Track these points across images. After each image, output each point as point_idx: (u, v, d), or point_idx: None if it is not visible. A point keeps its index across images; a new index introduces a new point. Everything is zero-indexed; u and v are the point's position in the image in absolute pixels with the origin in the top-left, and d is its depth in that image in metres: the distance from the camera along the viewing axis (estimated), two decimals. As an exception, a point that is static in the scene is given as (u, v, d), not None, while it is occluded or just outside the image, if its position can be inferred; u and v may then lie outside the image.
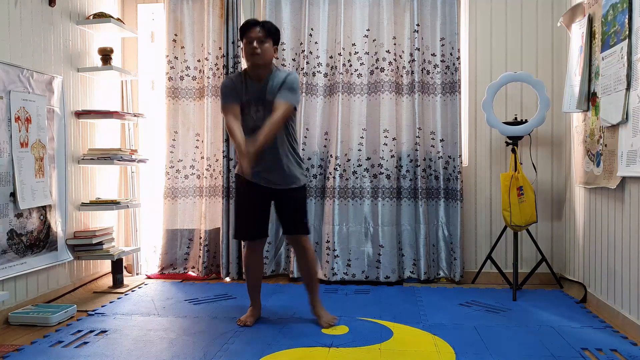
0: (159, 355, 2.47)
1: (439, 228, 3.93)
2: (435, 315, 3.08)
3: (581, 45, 3.25)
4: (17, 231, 3.06)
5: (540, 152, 3.92)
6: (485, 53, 3.96)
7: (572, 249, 3.67)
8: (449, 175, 3.91)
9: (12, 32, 3.06)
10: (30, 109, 3.15)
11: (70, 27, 3.63)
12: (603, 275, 3.12)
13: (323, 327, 2.84)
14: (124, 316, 3.09)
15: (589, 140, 3.25)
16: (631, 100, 2.64)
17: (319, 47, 3.98)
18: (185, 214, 4.12)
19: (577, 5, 3.38)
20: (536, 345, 2.58)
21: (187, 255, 4.12)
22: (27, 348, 2.58)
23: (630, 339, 2.64)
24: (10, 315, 2.97)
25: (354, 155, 3.94)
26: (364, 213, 3.92)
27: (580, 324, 2.91)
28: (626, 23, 2.66)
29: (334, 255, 3.91)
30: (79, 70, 3.71)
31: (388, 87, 3.88)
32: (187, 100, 4.11)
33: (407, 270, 3.93)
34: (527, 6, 3.92)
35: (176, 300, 3.45)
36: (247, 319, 2.93)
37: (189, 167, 4.12)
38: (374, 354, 2.46)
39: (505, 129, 3.57)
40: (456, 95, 3.85)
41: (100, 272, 3.96)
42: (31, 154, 3.16)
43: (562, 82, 3.76)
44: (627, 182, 2.78)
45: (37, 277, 3.28)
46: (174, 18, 4.07)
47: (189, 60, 4.10)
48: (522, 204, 3.45)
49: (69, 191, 3.56)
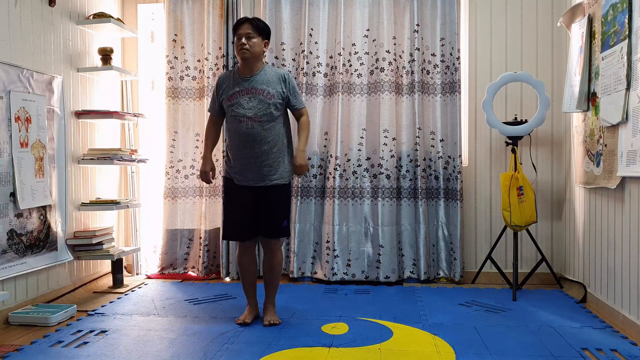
0: (159, 355, 2.47)
1: (439, 228, 3.93)
2: (435, 315, 3.08)
3: (581, 45, 3.25)
4: (17, 231, 3.06)
5: (540, 152, 3.92)
6: (485, 53, 3.96)
7: (572, 249, 3.68)
8: (449, 175, 3.91)
9: (12, 32, 3.06)
10: (30, 109, 3.15)
11: (70, 27, 3.63)
12: (603, 275, 3.12)
13: (264, 324, 2.90)
14: (124, 316, 3.09)
15: (589, 140, 3.25)
16: (631, 100, 2.64)
17: (319, 47, 3.98)
18: (185, 214, 4.12)
19: (577, 5, 3.38)
20: (536, 345, 2.58)
21: (187, 255, 4.12)
22: (27, 348, 2.58)
23: (630, 339, 2.64)
24: (10, 315, 2.97)
25: (354, 155, 3.94)
26: (364, 213, 3.92)
27: (580, 324, 2.91)
28: (626, 23, 2.66)
29: (334, 255, 3.91)
30: (79, 70, 3.71)
31: (388, 87, 3.88)
32: (187, 100, 4.11)
33: (407, 270, 3.93)
34: (527, 6, 3.92)
35: (176, 300, 3.45)
36: (245, 317, 2.95)
37: (189, 167, 4.12)
38: (374, 354, 2.46)
39: (505, 129, 3.57)
40: (456, 95, 3.85)
41: (100, 272, 3.96)
42: (31, 154, 3.16)
43: (562, 82, 3.76)
44: (627, 182, 2.78)
45: (37, 277, 3.28)
46: (174, 18, 4.07)
47: (189, 60, 4.10)
48: (522, 204, 3.45)
49: (69, 191, 3.56)
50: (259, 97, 2.82)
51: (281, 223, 2.93)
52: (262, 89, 2.83)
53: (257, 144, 2.82)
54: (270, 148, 2.84)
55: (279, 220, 2.93)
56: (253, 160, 2.84)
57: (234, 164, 2.91)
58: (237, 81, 2.87)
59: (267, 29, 2.89)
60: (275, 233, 2.94)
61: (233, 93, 2.86)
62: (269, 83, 2.85)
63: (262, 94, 2.82)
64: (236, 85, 2.87)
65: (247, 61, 2.83)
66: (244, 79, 2.86)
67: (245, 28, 2.80)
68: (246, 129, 2.81)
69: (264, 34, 2.86)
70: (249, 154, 2.83)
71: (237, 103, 2.84)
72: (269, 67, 2.93)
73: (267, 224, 2.92)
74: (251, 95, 2.83)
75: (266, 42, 2.89)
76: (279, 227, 2.93)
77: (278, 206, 2.92)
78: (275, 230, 2.93)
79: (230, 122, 2.89)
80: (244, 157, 2.85)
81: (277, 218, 2.92)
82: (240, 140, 2.84)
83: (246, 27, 2.80)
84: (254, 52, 2.81)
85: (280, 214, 2.93)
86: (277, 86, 2.85)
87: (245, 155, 2.84)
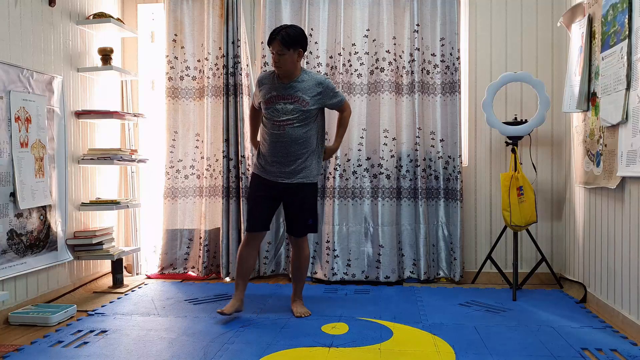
0: (159, 355, 2.47)
1: (438, 228, 3.93)
2: (435, 315, 3.08)
3: (581, 45, 3.25)
4: (17, 231, 3.06)
5: (540, 152, 3.92)
6: (485, 53, 3.96)
7: (572, 249, 3.68)
8: (448, 175, 3.91)
9: (12, 32, 3.06)
10: (30, 109, 3.15)
11: (70, 27, 3.63)
12: (603, 275, 3.12)
13: (295, 316, 3.05)
14: (124, 316, 3.09)
15: (589, 140, 3.25)
16: (631, 100, 2.64)
17: (319, 47, 3.98)
18: (185, 214, 4.12)
19: (577, 5, 3.38)
20: (536, 345, 2.58)
21: (187, 255, 4.12)
22: (27, 348, 2.58)
23: (630, 339, 2.64)
24: (10, 315, 2.97)
25: (353, 155, 3.94)
26: (364, 213, 3.92)
27: (580, 324, 2.91)
28: (626, 23, 2.66)
29: (334, 255, 3.91)
30: (79, 70, 3.71)
31: (388, 87, 3.88)
32: (187, 100, 4.11)
33: (407, 270, 3.93)
34: (527, 6, 3.92)
35: (176, 300, 3.45)
36: (226, 308, 2.99)
37: (189, 167, 4.12)
38: (374, 354, 2.46)
39: (505, 129, 3.57)
40: (456, 95, 3.85)
41: (100, 272, 3.96)
42: (31, 154, 3.16)
43: (562, 82, 3.76)
44: (627, 182, 2.78)
45: (37, 277, 3.28)
46: (174, 18, 4.07)
47: (189, 60, 4.10)
48: (522, 204, 3.45)
49: (69, 191, 3.56)
50: (294, 104, 2.92)
51: (306, 221, 3.08)
52: (299, 96, 2.92)
53: (289, 146, 2.94)
54: (301, 150, 2.96)
55: (305, 218, 3.07)
56: (282, 160, 2.96)
57: (264, 161, 3.02)
58: (275, 86, 2.97)
59: (297, 40, 2.88)
60: (302, 231, 3.10)
61: (270, 97, 2.96)
62: (305, 90, 2.93)
63: (298, 102, 2.92)
64: (274, 89, 2.96)
65: (282, 73, 2.93)
66: (282, 85, 2.95)
67: (275, 46, 2.85)
68: (279, 132, 2.94)
69: (295, 45, 2.88)
70: (279, 154, 2.96)
71: (273, 107, 2.95)
72: (307, 74, 3.00)
73: (294, 223, 3.09)
74: (287, 101, 2.93)
75: (300, 51, 2.92)
76: (303, 225, 3.07)
77: (305, 205, 3.07)
78: (302, 229, 3.09)
79: (264, 123, 3.02)
80: (274, 156, 2.98)
81: (304, 217, 3.07)
82: (272, 140, 2.97)
83: (276, 44, 2.85)
84: (286, 68, 2.90)
85: (307, 213, 3.08)
86: (313, 93, 2.95)
87: (276, 154, 2.97)
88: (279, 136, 2.94)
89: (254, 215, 3.04)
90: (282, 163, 2.97)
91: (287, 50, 2.85)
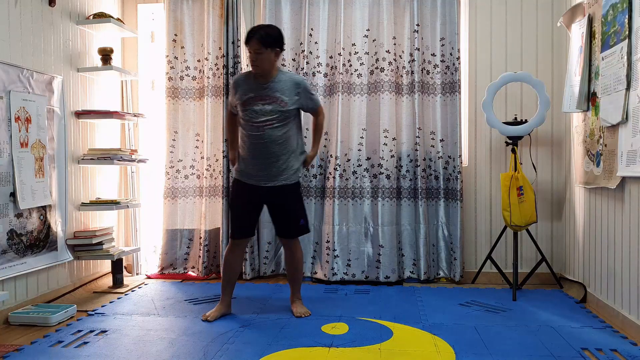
0: (159, 355, 2.47)
1: (438, 228, 3.93)
2: (435, 315, 3.08)
3: (581, 45, 3.25)
4: (17, 231, 3.06)
5: (540, 152, 3.92)
6: (485, 53, 3.96)
7: (572, 249, 3.68)
8: (448, 175, 3.91)
9: (12, 32, 3.06)
10: (30, 109, 3.15)
11: (70, 27, 3.63)
12: (603, 275, 3.12)
13: (295, 316, 3.05)
14: (124, 316, 3.09)
15: (589, 140, 3.25)
16: (631, 100, 2.64)
17: (319, 47, 3.98)
18: (185, 214, 4.12)
19: (577, 5, 3.38)
20: (536, 345, 2.58)
21: (187, 255, 4.12)
22: (27, 348, 2.58)
23: (630, 339, 2.64)
24: (10, 315, 2.97)
25: (353, 155, 3.94)
26: (364, 213, 3.92)
27: (580, 324, 2.91)
28: (626, 23, 2.66)
29: (334, 255, 3.91)
30: (79, 70, 3.71)
31: (388, 87, 3.88)
32: (187, 100, 4.11)
33: (407, 270, 3.93)
34: (527, 6, 3.92)
35: (176, 300, 3.45)
36: (211, 313, 3.00)
37: (189, 167, 4.12)
38: (374, 354, 2.46)
39: (505, 129, 3.57)
40: (456, 95, 3.85)
41: (100, 272, 3.96)
42: (31, 154, 3.16)
43: (562, 82, 3.76)
44: (627, 182, 2.78)
45: (37, 277, 3.28)
46: (174, 18, 4.07)
47: (189, 60, 4.10)
48: (522, 204, 3.45)
49: (69, 191, 3.56)
50: (273, 104, 2.89)
51: (297, 222, 3.06)
52: (277, 96, 2.90)
53: (268, 147, 2.91)
54: (281, 151, 2.93)
55: (293, 220, 3.05)
56: (263, 162, 2.93)
57: (244, 164, 3.00)
58: (252, 86, 2.93)
59: (275, 40, 2.87)
60: (291, 233, 3.08)
61: (248, 98, 2.92)
62: (283, 91, 2.91)
63: (277, 102, 2.90)
64: (251, 90, 2.93)
65: (259, 73, 2.91)
66: (260, 85, 2.92)
67: (253, 44, 2.83)
68: (258, 133, 2.90)
69: (273, 45, 2.86)
70: (259, 156, 2.93)
71: (250, 109, 2.91)
72: (284, 74, 2.98)
73: (282, 226, 3.07)
74: (265, 102, 2.90)
75: (277, 51, 2.90)
76: (294, 226, 3.06)
77: (290, 207, 3.04)
78: (290, 231, 3.07)
79: (243, 125, 2.98)
80: (254, 159, 2.95)
81: (291, 218, 3.05)
82: (252, 142, 2.93)
83: (253, 43, 2.83)
84: (263, 68, 2.88)
85: (293, 214, 3.05)
86: (291, 93, 2.93)
87: (255, 157, 2.94)
88: (259, 137, 2.90)
89: (238, 223, 3.04)
90: (263, 165, 2.94)
91: (265, 49, 2.82)
